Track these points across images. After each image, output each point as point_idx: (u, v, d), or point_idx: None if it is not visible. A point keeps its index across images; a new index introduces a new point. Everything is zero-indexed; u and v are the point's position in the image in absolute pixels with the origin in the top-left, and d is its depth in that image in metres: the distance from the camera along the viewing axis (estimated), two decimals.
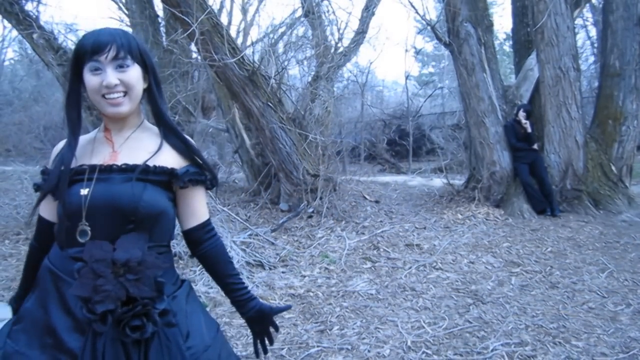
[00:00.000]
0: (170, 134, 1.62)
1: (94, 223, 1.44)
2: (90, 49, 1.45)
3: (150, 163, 1.51)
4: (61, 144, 1.59)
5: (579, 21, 13.27)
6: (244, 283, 1.71)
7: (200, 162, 1.63)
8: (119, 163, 1.49)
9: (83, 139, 1.58)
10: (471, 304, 4.26)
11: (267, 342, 1.76)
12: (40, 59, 9.94)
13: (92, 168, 1.48)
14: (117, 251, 1.39)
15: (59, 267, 1.46)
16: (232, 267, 1.70)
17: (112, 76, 1.45)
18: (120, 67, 1.47)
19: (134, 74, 1.50)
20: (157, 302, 1.41)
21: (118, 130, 1.58)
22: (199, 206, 1.65)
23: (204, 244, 1.66)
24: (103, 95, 1.47)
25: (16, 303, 1.64)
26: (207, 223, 1.67)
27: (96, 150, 1.54)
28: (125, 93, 1.49)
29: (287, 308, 1.97)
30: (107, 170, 1.48)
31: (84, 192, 1.43)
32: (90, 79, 1.46)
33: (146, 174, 1.49)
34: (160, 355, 1.41)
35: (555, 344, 3.40)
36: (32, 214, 1.65)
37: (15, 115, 19.76)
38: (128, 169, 1.48)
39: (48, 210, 1.57)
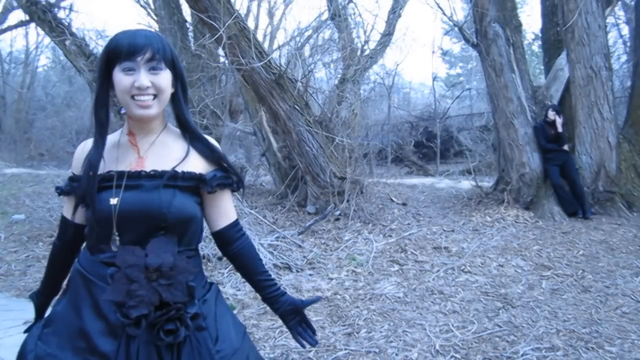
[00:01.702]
0: (196, 139, 1.63)
1: (124, 229, 1.46)
2: (126, 49, 1.45)
3: (179, 169, 1.52)
4: (85, 146, 1.59)
5: (610, 19, 12.99)
6: (274, 280, 1.74)
7: (226, 165, 1.63)
8: (147, 169, 1.50)
9: (107, 141, 1.57)
10: (501, 307, 4.21)
11: (309, 332, 1.73)
12: (72, 65, 10.17)
13: (120, 174, 1.48)
14: (150, 256, 1.41)
15: (91, 272, 1.48)
16: (261, 265, 1.73)
17: (145, 78, 1.46)
18: (154, 69, 1.47)
19: (166, 78, 1.51)
20: (189, 306, 1.44)
21: (143, 134, 1.57)
22: (227, 207, 1.67)
23: (235, 243, 1.68)
24: (132, 97, 1.47)
25: (37, 299, 1.72)
26: (236, 222, 1.70)
27: (122, 156, 1.53)
28: (155, 96, 1.49)
29: (317, 300, 1.99)
30: (136, 177, 1.49)
31: (114, 201, 1.45)
32: (122, 79, 1.46)
33: (175, 180, 1.50)
34: (192, 358, 1.43)
35: (587, 349, 3.34)
36: (62, 224, 1.69)
37: (48, 120, 20.27)
38: (156, 176, 1.49)
39: (68, 208, 1.63)
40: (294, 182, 8.33)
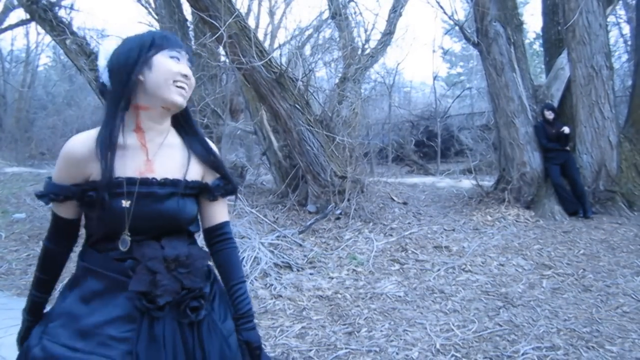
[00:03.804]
0: (197, 143, 1.67)
1: (136, 231, 1.51)
2: (173, 40, 1.56)
3: (188, 178, 1.59)
4: (84, 143, 1.50)
5: (611, 18, 12.99)
6: (246, 295, 1.69)
7: (224, 173, 1.70)
8: (158, 177, 1.53)
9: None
10: (501, 306, 4.20)
11: None
12: (73, 64, 10.16)
13: (131, 181, 1.49)
14: (166, 249, 1.52)
15: (104, 268, 1.51)
16: (238, 276, 1.72)
17: (188, 68, 1.56)
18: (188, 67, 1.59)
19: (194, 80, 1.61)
20: (204, 287, 1.57)
21: (155, 133, 1.58)
22: (220, 210, 1.74)
23: (219, 245, 1.72)
24: (174, 81, 1.52)
25: (37, 301, 1.66)
26: (226, 224, 1.75)
27: (129, 157, 1.52)
28: (188, 89, 1.57)
29: None
30: (147, 184, 1.51)
31: (126, 203, 1.48)
32: (169, 63, 1.52)
33: (184, 188, 1.58)
34: (209, 335, 1.55)
35: (588, 349, 3.34)
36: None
37: (49, 119, 20.26)
38: (167, 184, 1.54)
39: (66, 210, 1.60)
40: (295, 181, 8.33)
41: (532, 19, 40.94)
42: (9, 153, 18.96)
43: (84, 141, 1.50)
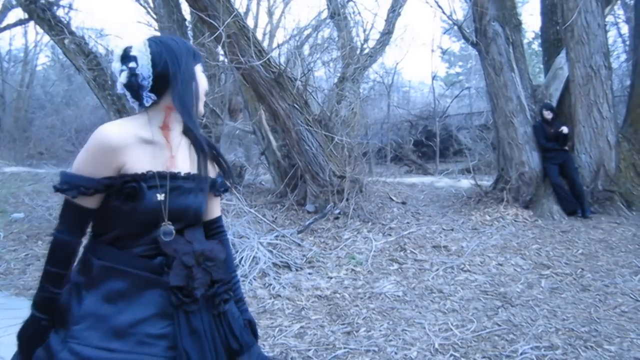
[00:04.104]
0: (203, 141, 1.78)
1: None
2: (199, 54, 1.69)
3: (206, 174, 1.69)
4: (117, 130, 1.53)
5: (610, 18, 12.99)
6: (239, 281, 1.85)
7: (227, 169, 1.82)
8: (182, 172, 1.62)
9: (137, 133, 1.56)
10: (500, 306, 4.21)
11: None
12: (71, 64, 10.16)
13: (162, 174, 1.56)
14: (194, 244, 1.61)
15: (129, 266, 1.54)
16: (234, 264, 1.91)
17: None
18: None
19: None
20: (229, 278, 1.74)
21: (176, 131, 1.66)
22: (218, 204, 1.88)
23: (216, 237, 1.82)
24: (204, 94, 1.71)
25: (53, 300, 1.56)
26: (220, 218, 1.88)
27: (156, 152, 1.59)
28: None
29: None
30: (174, 178, 1.59)
31: (161, 197, 1.55)
32: (203, 77, 1.71)
33: (204, 183, 1.67)
34: (234, 322, 1.68)
35: (586, 348, 3.34)
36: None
37: (47, 119, 20.24)
38: (190, 178, 1.63)
39: (90, 201, 1.55)
40: (294, 181, 8.33)
41: (531, 18, 40.98)
42: (8, 153, 18.94)
43: (120, 130, 1.54)
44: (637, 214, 7.13)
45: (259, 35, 15.08)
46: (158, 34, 11.48)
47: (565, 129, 7.40)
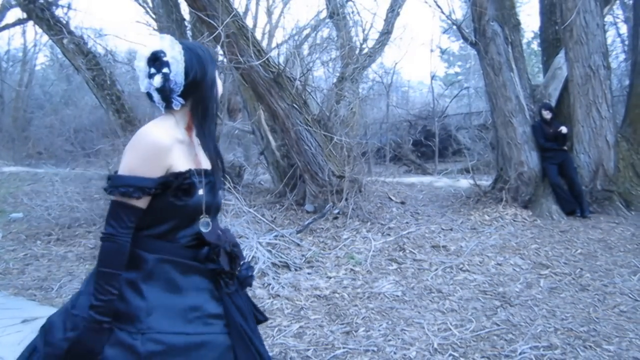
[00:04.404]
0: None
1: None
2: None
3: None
4: (163, 132, 1.67)
5: (608, 18, 13.01)
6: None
7: (224, 168, 1.95)
8: (205, 167, 1.76)
9: (170, 134, 1.70)
10: (499, 306, 4.21)
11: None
12: (70, 64, 10.16)
13: (199, 172, 1.72)
14: (226, 234, 1.83)
15: (180, 257, 1.71)
16: None
17: None
18: None
19: None
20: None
21: (193, 132, 1.80)
22: None
23: None
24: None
25: (114, 299, 1.60)
26: None
27: (188, 151, 1.74)
28: None
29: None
30: (206, 174, 1.75)
31: (201, 192, 1.71)
32: (220, 82, 1.85)
33: (221, 179, 1.86)
34: (247, 298, 1.93)
35: (585, 348, 3.34)
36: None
37: (46, 119, 20.20)
38: (211, 174, 1.79)
39: (144, 201, 1.65)
40: (293, 181, 8.33)
41: (530, 18, 40.99)
42: (7, 152, 18.95)
43: (165, 132, 1.67)
44: (636, 213, 7.13)
45: (258, 35, 15.07)
46: (157, 33, 11.48)
47: (564, 129, 7.40)
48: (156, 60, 1.70)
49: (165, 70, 1.68)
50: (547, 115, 7.59)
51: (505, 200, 7.63)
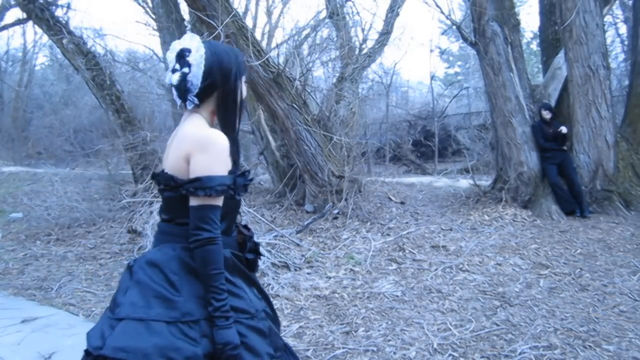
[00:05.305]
0: None
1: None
2: (245, 66, 1.90)
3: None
4: (223, 134, 1.76)
5: (608, 18, 13.00)
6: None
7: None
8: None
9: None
10: (498, 306, 4.21)
11: None
12: (70, 64, 10.16)
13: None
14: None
15: (235, 249, 1.86)
16: None
17: None
18: None
19: None
20: None
21: None
22: None
23: None
24: None
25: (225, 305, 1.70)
26: None
27: None
28: None
29: None
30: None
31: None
32: (245, 90, 1.90)
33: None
34: None
35: (585, 348, 3.34)
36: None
37: (45, 119, 20.23)
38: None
39: (222, 201, 1.74)
40: (292, 181, 8.33)
41: (529, 18, 41.02)
42: (6, 152, 18.95)
43: (220, 133, 1.76)
44: (636, 213, 7.13)
45: (258, 35, 15.07)
46: (157, 33, 11.49)
47: (564, 129, 7.40)
48: (181, 58, 1.76)
49: (185, 69, 1.74)
50: (546, 115, 7.59)
51: (505, 201, 7.63)
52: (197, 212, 1.65)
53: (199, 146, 1.67)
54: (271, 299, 2.02)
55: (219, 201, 1.69)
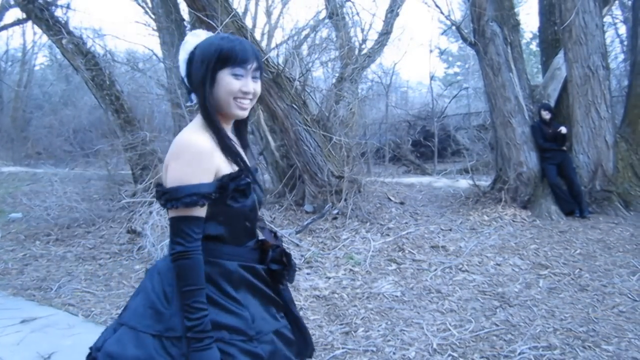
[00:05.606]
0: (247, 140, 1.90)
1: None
2: (241, 56, 1.61)
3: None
4: (201, 136, 1.59)
5: (607, 19, 13.00)
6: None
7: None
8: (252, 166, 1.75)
9: (207, 131, 1.65)
10: (498, 306, 4.21)
11: None
12: (69, 64, 10.16)
13: (249, 170, 1.68)
14: (266, 231, 1.82)
15: (250, 260, 1.72)
16: None
17: (251, 85, 1.65)
18: (255, 78, 1.67)
19: (260, 86, 1.72)
20: None
21: (228, 131, 1.72)
22: None
23: None
24: (235, 98, 1.64)
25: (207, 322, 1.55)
26: None
27: None
28: (250, 100, 1.69)
29: None
30: (252, 172, 1.72)
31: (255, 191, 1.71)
32: (231, 82, 1.62)
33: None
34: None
35: (584, 348, 3.35)
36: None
37: (45, 119, 20.21)
38: (255, 171, 1.77)
39: (204, 210, 1.58)
40: (292, 181, 8.33)
41: (529, 18, 41.06)
42: (6, 152, 18.95)
43: (202, 136, 1.60)
44: (635, 214, 7.13)
45: (257, 35, 15.06)
46: (156, 33, 11.48)
47: (563, 129, 7.40)
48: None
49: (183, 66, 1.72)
50: (546, 115, 7.59)
51: (505, 201, 7.63)
52: (171, 224, 1.55)
53: (171, 154, 1.57)
54: (301, 320, 1.90)
55: (196, 212, 1.54)
